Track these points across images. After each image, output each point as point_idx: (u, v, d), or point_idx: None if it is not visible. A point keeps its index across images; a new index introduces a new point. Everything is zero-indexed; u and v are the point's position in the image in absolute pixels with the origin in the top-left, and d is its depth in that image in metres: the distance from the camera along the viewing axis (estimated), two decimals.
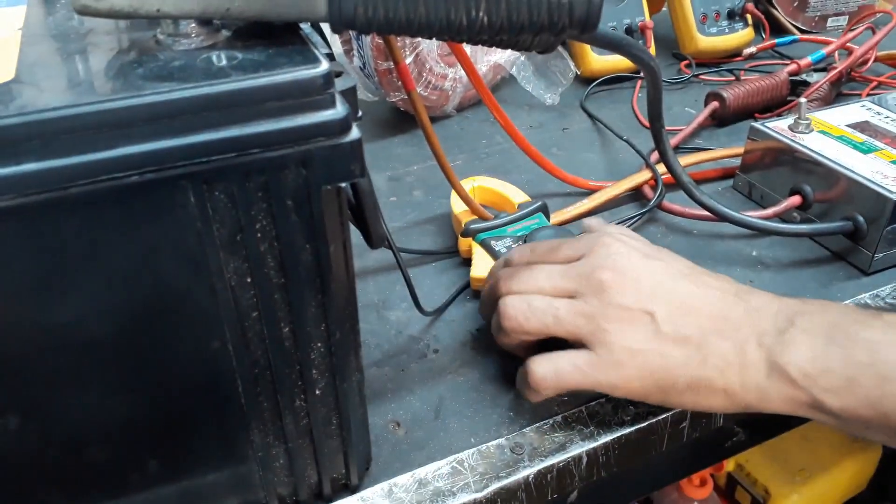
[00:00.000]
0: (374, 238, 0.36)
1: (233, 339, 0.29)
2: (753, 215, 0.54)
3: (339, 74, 0.30)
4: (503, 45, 0.30)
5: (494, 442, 0.40)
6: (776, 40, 0.87)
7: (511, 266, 0.43)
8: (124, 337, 0.27)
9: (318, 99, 0.25)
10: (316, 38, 0.35)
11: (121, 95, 0.23)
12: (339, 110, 0.26)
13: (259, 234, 0.27)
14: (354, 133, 0.26)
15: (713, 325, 0.37)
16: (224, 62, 0.25)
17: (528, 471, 0.38)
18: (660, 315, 0.37)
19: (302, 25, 0.38)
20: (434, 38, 0.27)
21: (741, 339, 0.36)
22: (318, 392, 0.32)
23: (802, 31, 0.94)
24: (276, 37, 0.27)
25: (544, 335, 0.39)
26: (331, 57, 0.35)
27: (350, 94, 0.29)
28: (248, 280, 0.28)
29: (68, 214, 0.24)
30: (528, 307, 0.39)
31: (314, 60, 0.25)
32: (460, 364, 0.45)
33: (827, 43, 0.79)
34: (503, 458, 0.39)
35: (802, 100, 0.58)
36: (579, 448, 0.39)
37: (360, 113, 0.31)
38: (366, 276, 0.53)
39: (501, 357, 0.45)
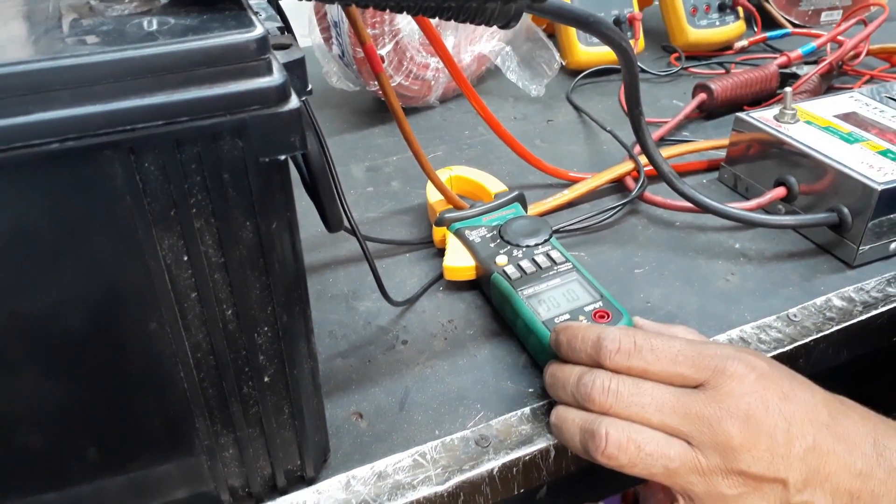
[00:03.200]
0: (331, 220, 0.34)
1: (170, 321, 0.27)
2: (736, 206, 0.52)
3: (286, 47, 0.29)
4: (455, 16, 0.28)
5: (459, 434, 0.38)
6: (768, 34, 0.86)
7: (610, 360, 0.35)
8: (53, 316, 0.26)
9: (253, 65, 0.24)
10: (271, 11, 0.34)
11: (37, 58, 0.22)
12: (275, 77, 0.24)
13: (194, 210, 0.26)
14: (293, 102, 0.25)
15: (849, 498, 0.32)
16: (154, 27, 0.24)
17: (492, 464, 0.37)
18: (793, 482, 0.32)
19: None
20: (380, 8, 0.26)
21: None
22: (266, 379, 0.31)
23: (795, 26, 0.93)
24: (214, 3, 0.26)
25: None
26: (285, 31, 0.34)
27: (297, 67, 0.28)
28: (185, 258, 0.26)
29: None
30: (636, 451, 0.32)
31: (248, 25, 0.24)
32: (429, 356, 0.43)
33: (819, 37, 0.78)
34: (467, 451, 0.37)
35: (788, 89, 0.57)
36: (547, 440, 0.38)
37: (309, 87, 0.29)
38: (336, 267, 0.51)
39: (471, 349, 0.44)
